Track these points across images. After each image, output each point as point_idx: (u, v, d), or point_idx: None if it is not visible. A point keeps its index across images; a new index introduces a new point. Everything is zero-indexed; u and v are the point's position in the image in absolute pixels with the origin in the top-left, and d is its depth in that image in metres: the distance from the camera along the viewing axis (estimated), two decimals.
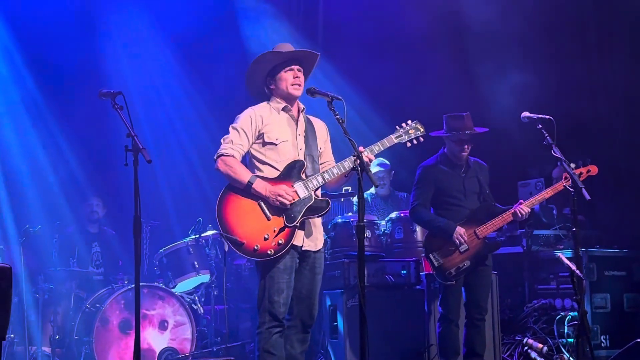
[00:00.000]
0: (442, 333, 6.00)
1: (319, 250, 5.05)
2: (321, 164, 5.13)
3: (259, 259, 4.83)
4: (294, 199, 4.82)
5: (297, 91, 5.00)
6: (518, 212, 5.92)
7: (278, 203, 4.77)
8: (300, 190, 4.86)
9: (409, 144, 5.08)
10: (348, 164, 4.85)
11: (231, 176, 4.85)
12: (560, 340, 7.11)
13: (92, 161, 9.10)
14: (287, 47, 5.08)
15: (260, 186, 4.80)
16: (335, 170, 4.92)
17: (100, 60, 9.10)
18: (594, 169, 5.88)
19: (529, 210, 5.97)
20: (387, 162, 7.97)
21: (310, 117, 5.20)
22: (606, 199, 7.83)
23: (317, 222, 5.06)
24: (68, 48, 8.80)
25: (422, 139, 5.12)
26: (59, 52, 8.74)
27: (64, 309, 7.39)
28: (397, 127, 5.11)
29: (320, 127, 5.22)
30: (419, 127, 5.11)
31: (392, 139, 5.05)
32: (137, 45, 9.41)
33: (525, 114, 5.76)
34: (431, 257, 5.97)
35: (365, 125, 9.10)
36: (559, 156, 5.54)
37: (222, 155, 4.90)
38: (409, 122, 5.12)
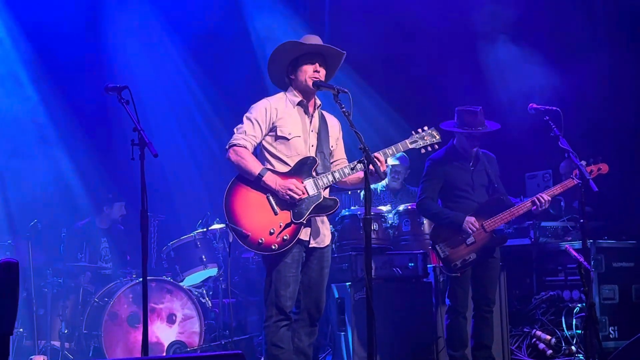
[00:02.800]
0: (450, 325, 6.00)
1: (326, 246, 5.05)
2: (333, 162, 5.12)
3: (262, 253, 4.84)
4: (303, 195, 4.81)
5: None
6: (537, 199, 5.86)
7: (288, 197, 4.76)
8: (310, 187, 4.84)
9: (423, 150, 5.06)
10: (361, 165, 4.73)
11: (242, 167, 4.83)
12: (568, 331, 7.10)
13: (98, 156, 9.11)
14: (314, 39, 5.02)
15: (270, 179, 4.78)
16: (346, 170, 4.89)
17: (105, 54, 9.12)
18: (604, 167, 5.85)
19: (549, 199, 5.89)
20: (407, 157, 7.93)
21: (325, 114, 5.17)
22: (614, 190, 7.80)
23: (324, 218, 5.04)
24: (73, 43, 8.82)
25: (437, 147, 5.11)
26: (64, 47, 8.77)
27: (72, 303, 7.42)
28: (412, 132, 5.07)
29: (334, 125, 5.18)
30: (435, 134, 5.08)
31: (407, 144, 5.03)
32: (143, 39, 9.41)
33: (533, 105, 5.75)
34: (437, 248, 5.96)
35: (370, 119, 9.09)
36: (566, 148, 5.53)
37: (234, 145, 4.87)
38: (425, 128, 5.08)
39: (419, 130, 5.08)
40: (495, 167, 6.24)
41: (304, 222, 4.83)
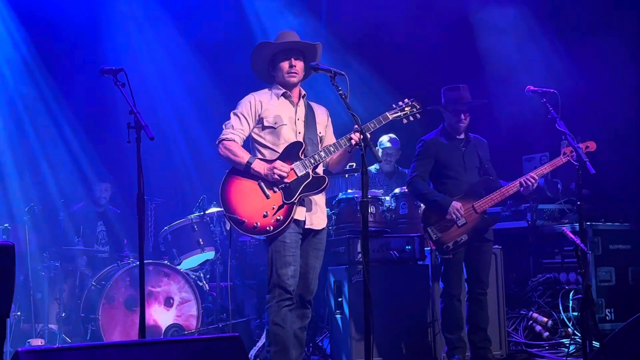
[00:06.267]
0: (444, 308, 6.01)
1: (322, 228, 5.16)
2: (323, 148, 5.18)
3: (260, 236, 4.97)
4: (290, 175, 4.93)
5: (293, 78, 5.13)
6: (524, 181, 5.88)
7: (277, 177, 4.90)
8: (298, 169, 4.98)
9: (405, 121, 5.14)
10: (344, 141, 4.92)
11: (231, 159, 5.02)
12: (565, 314, 7.13)
13: (96, 139, 9.10)
14: (289, 35, 5.19)
15: (258, 166, 4.96)
16: (332, 148, 5.01)
17: (101, 36, 9.08)
18: (592, 145, 5.84)
19: (536, 178, 5.90)
20: (398, 139, 7.97)
21: (312, 103, 5.33)
22: (611, 173, 7.79)
23: (319, 201, 5.15)
24: (70, 24, 8.79)
25: (418, 116, 5.16)
26: (60, 28, 8.74)
27: (69, 287, 7.43)
28: (393, 105, 5.15)
29: (321, 113, 5.34)
30: (415, 104, 5.16)
31: (388, 116, 5.10)
32: (140, 21, 9.37)
33: (530, 87, 5.74)
34: (429, 230, 5.96)
35: (366, 99, 9.08)
36: (564, 130, 5.52)
37: (223, 140, 5.07)
38: (406, 100, 5.17)
39: (400, 102, 5.15)
40: (486, 151, 6.24)
41: (296, 201, 4.95)
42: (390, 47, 9.40)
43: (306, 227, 5.05)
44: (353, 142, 4.73)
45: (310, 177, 5.00)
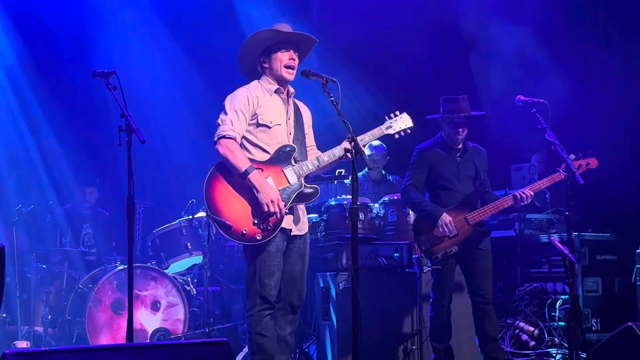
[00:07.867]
0: (434, 318, 5.97)
1: (305, 233, 5.07)
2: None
3: (246, 244, 4.82)
4: (282, 182, 4.82)
5: (290, 75, 4.97)
6: (519, 194, 5.84)
7: (265, 208, 4.68)
8: (291, 176, 4.86)
9: (397, 136, 5.12)
10: (338, 152, 4.87)
11: (230, 160, 4.76)
12: (551, 323, 7.15)
13: (87, 141, 9.07)
14: (287, 28, 5.03)
15: (256, 179, 4.72)
16: (325, 158, 4.93)
17: (93, 38, 9.07)
18: (593, 162, 5.76)
19: (532, 194, 5.89)
20: (384, 145, 7.97)
21: (297, 102, 5.19)
22: (599, 184, 7.83)
23: (302, 206, 5.07)
24: (61, 26, 8.77)
25: (409, 131, 5.13)
26: (52, 29, 8.73)
27: (56, 289, 7.40)
28: (386, 117, 5.13)
29: (306, 113, 5.22)
30: (407, 118, 5.13)
31: (382, 130, 5.09)
32: (133, 27, 9.36)
33: (520, 97, 5.75)
34: (419, 240, 5.94)
35: (358, 106, 9.10)
36: (553, 140, 5.54)
37: (224, 137, 4.81)
38: (397, 113, 5.13)
39: (392, 115, 5.13)
40: (484, 162, 6.18)
41: (287, 210, 4.83)
42: (382, 55, 9.42)
43: (292, 234, 4.93)
44: (348, 150, 4.54)
45: (302, 186, 4.89)
